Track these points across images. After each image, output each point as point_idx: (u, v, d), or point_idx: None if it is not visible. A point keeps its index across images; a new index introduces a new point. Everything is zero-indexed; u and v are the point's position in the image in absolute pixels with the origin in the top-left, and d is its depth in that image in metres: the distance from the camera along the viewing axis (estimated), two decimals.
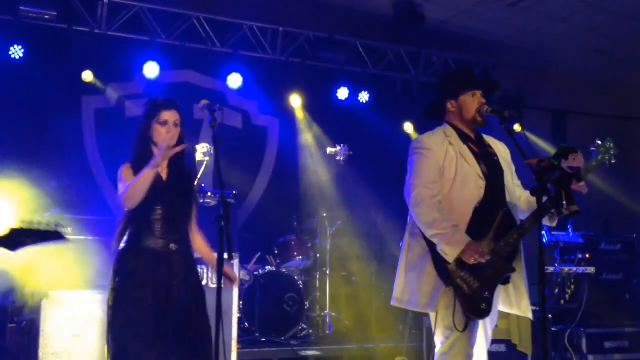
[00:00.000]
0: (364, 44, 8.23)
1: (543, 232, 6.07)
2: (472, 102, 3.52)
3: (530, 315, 3.54)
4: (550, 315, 5.72)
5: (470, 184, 3.39)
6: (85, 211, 6.04)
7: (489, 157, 3.53)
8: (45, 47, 6.88)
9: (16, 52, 6.67)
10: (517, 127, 7.82)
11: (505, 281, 3.44)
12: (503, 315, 5.17)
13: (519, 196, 3.58)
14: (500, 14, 7.84)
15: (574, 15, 7.78)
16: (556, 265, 6.29)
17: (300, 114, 8.22)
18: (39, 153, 6.69)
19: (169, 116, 3.41)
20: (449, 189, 3.40)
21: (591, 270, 6.22)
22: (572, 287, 6.27)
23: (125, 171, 3.38)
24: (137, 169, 3.30)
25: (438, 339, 3.40)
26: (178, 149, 3.32)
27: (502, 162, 3.57)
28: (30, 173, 6.17)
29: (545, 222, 3.45)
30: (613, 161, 3.50)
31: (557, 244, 6.42)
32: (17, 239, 2.83)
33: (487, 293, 3.29)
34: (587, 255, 6.30)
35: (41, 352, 5.05)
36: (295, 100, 8.15)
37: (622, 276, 6.45)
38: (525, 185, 3.62)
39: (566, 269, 6.23)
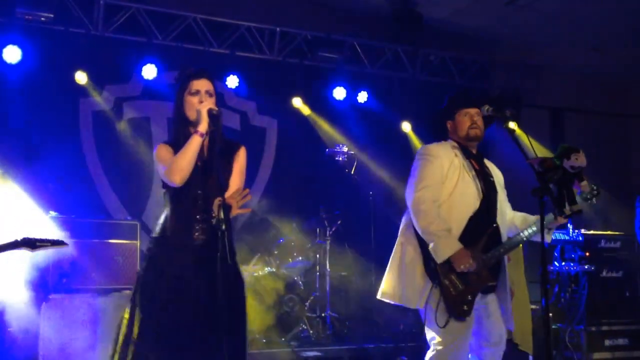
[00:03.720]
0: (361, 43, 8.21)
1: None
2: (465, 120, 3.79)
3: (512, 328, 3.80)
4: (550, 314, 5.71)
5: (469, 195, 3.65)
6: (83, 213, 6.02)
7: (486, 176, 3.79)
8: (41, 49, 6.84)
9: (13, 54, 6.62)
10: (514, 126, 7.81)
11: (486, 290, 3.67)
12: None
13: (510, 218, 3.86)
14: (497, 12, 7.84)
15: (572, 13, 7.77)
16: (556, 263, 6.29)
17: (298, 114, 8.20)
18: (36, 155, 6.66)
19: (200, 85, 3.19)
20: (448, 196, 3.63)
21: (591, 268, 6.21)
22: (572, 285, 6.27)
23: (161, 149, 3.16)
24: (174, 148, 3.11)
25: (429, 333, 3.63)
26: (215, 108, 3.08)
27: (497, 184, 3.83)
28: (28, 175, 6.15)
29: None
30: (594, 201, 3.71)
31: (557, 243, 6.41)
32: (34, 243, 3.31)
33: (470, 296, 3.54)
34: (587, 254, 6.28)
35: (40, 356, 5.04)
36: (294, 101, 8.14)
37: (622, 274, 6.44)
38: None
39: (566, 267, 6.23)
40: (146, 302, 3.07)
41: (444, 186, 3.63)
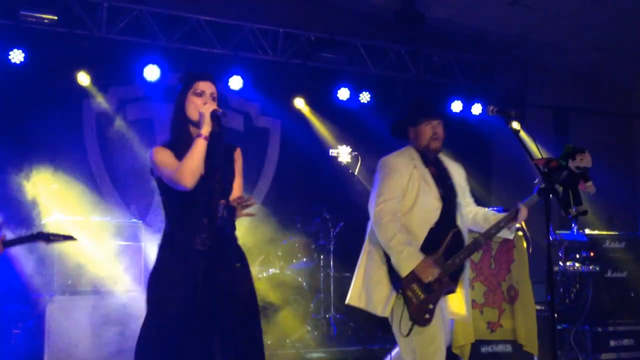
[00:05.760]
0: (364, 44, 8.22)
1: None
2: (428, 130, 3.81)
3: (466, 315, 3.89)
4: (555, 314, 5.69)
5: (429, 206, 3.71)
6: (87, 215, 6.02)
7: (445, 180, 3.84)
8: (45, 51, 6.85)
9: (16, 56, 6.64)
10: (517, 126, 7.80)
11: (448, 292, 3.74)
12: (508, 315, 5.19)
13: (473, 215, 3.94)
14: (500, 12, 7.83)
15: (575, 13, 7.76)
16: (561, 264, 6.27)
17: (301, 115, 8.21)
18: (40, 157, 6.67)
19: (206, 87, 3.16)
20: (409, 209, 3.70)
21: (596, 268, 6.20)
22: (577, 285, 6.24)
23: (161, 153, 3.08)
24: (174, 151, 3.07)
25: (397, 338, 3.72)
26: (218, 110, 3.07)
27: (456, 185, 3.88)
28: (32, 177, 6.17)
29: (505, 234, 3.82)
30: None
31: (562, 243, 6.39)
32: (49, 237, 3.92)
33: (431, 305, 3.61)
34: (592, 254, 6.27)
35: (45, 358, 5.05)
36: (297, 102, 8.14)
37: (626, 274, 6.43)
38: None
39: (571, 267, 6.21)
40: (157, 310, 3.05)
41: (404, 199, 3.70)
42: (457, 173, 3.96)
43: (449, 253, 3.67)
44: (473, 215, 3.93)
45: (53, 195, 6.02)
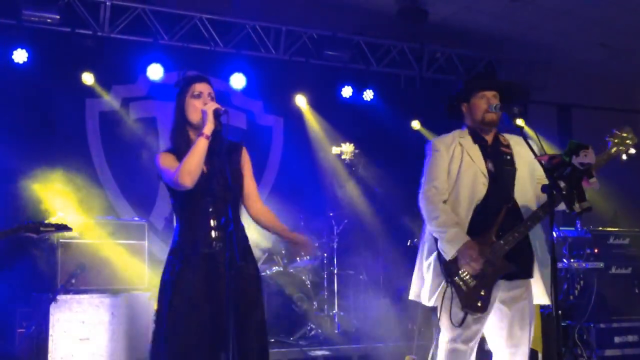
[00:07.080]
0: (367, 42, 8.21)
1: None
2: (481, 103, 3.62)
3: (546, 302, 3.57)
4: (559, 311, 5.68)
5: (473, 182, 3.51)
6: (91, 214, 6.03)
7: (500, 155, 3.61)
8: (48, 51, 6.87)
9: (20, 56, 6.65)
10: (520, 122, 7.77)
11: (509, 277, 3.45)
12: None
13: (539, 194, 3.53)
14: (503, 9, 7.81)
15: (578, 9, 7.74)
16: (565, 260, 6.27)
17: (304, 113, 8.20)
18: (43, 156, 6.67)
19: (203, 88, 3.22)
20: (452, 187, 3.54)
21: (600, 265, 6.19)
22: (581, 282, 6.24)
23: (164, 157, 3.15)
24: (177, 156, 3.11)
25: (441, 330, 3.52)
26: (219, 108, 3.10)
27: (519, 160, 3.62)
28: (35, 177, 6.18)
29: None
30: (631, 151, 3.52)
31: (566, 240, 6.39)
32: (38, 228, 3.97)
33: (483, 292, 3.37)
34: (596, 250, 6.27)
35: (50, 357, 5.06)
36: (300, 99, 8.13)
37: (631, 270, 6.42)
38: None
39: (575, 264, 6.20)
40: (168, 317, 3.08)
41: (448, 178, 3.54)
42: (523, 149, 3.59)
43: (503, 231, 3.40)
44: (536, 194, 3.58)
45: (56, 194, 6.03)
